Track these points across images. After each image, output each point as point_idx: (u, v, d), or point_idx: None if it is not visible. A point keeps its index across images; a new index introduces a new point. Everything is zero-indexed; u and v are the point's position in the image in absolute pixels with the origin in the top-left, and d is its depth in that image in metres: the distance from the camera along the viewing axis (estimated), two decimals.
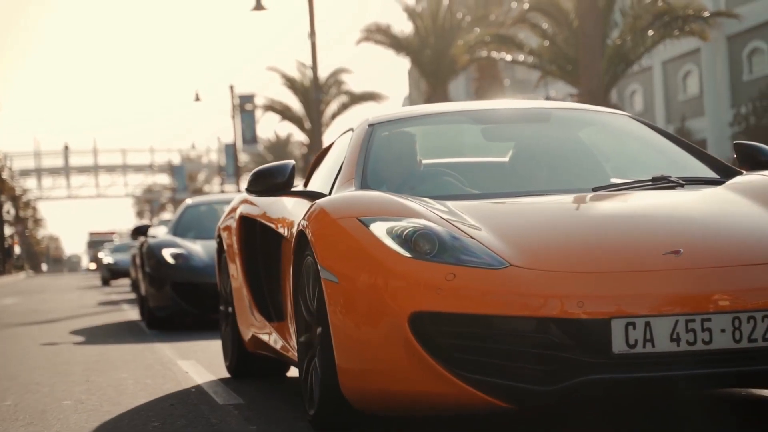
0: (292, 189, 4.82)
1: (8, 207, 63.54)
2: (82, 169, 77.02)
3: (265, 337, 5.41)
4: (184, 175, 71.89)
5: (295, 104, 41.64)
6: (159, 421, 4.64)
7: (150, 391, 5.70)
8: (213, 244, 10.52)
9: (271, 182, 4.76)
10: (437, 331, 3.54)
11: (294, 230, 4.49)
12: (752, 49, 33.69)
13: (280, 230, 5.06)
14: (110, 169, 77.81)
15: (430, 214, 3.86)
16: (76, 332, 10.90)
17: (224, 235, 6.13)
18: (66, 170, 75.85)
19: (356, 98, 40.46)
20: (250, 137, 47.34)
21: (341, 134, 5.38)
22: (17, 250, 69.53)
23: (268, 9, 27.49)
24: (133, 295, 19.61)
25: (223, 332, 6.44)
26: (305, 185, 5.67)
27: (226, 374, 6.36)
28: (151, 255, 11.06)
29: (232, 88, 45.33)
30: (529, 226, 3.90)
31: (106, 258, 31.77)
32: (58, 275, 70.18)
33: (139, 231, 12.57)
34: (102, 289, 27.25)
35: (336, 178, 4.77)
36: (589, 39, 19.32)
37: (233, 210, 6.04)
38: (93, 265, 59.92)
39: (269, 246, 5.40)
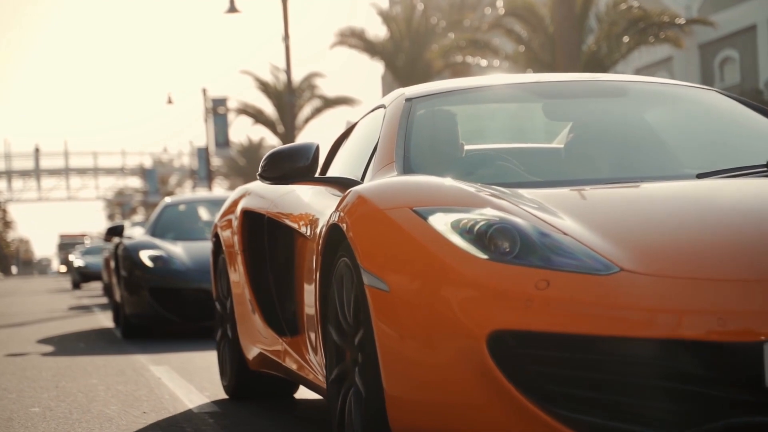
0: (317, 176, 4.04)
1: None
2: (53, 172, 76.39)
3: (274, 355, 4.58)
4: (156, 178, 71.42)
5: (269, 108, 41.49)
6: (131, 430, 4.48)
7: (122, 398, 5.53)
8: (195, 245, 10.21)
9: (290, 167, 3.96)
10: (525, 356, 2.73)
11: (319, 226, 3.81)
12: (723, 57, 33.84)
13: (296, 226, 4.29)
14: (81, 171, 77.22)
15: (504, 203, 3.05)
16: (44, 338, 10.68)
17: (222, 233, 5.24)
18: (36, 172, 75.18)
19: (330, 102, 40.37)
20: (222, 141, 47.08)
21: (367, 113, 4.59)
22: None
23: (241, 12, 27.36)
24: (105, 300, 19.38)
25: (220, 346, 5.49)
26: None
27: (201, 380, 6.20)
28: (127, 257, 10.17)
29: (204, 91, 45.09)
30: (636, 219, 3.07)
31: (77, 261, 31.40)
32: (28, 278, 69.51)
33: (114, 231, 11.51)
34: (73, 293, 26.95)
35: (369, 163, 4.00)
36: (566, 44, 19.30)
37: (234, 204, 5.18)
38: (63, 268, 59.31)
39: (280, 246, 4.63)
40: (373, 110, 4.48)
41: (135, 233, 11.22)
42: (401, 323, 2.90)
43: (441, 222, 2.94)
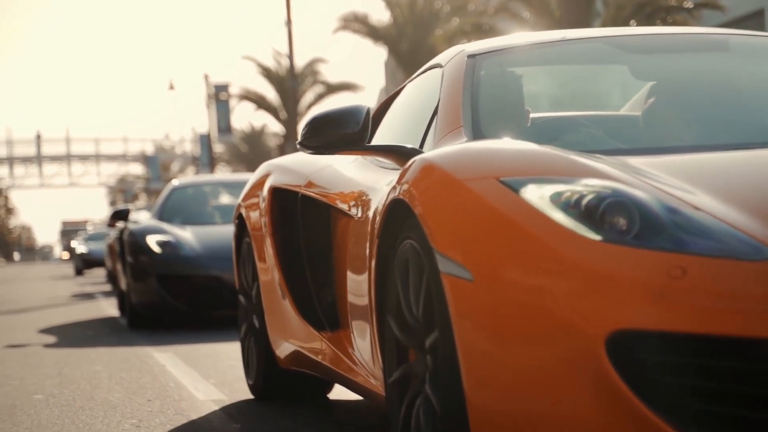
0: (369, 144, 3.46)
1: None
2: (55, 158, 76.35)
3: (311, 352, 4.03)
4: (158, 165, 71.31)
5: (271, 94, 41.41)
6: (135, 418, 4.36)
7: (126, 386, 5.42)
8: (205, 230, 9.78)
9: (337, 134, 3.40)
10: (655, 363, 2.20)
11: (373, 204, 3.28)
12: None
13: (338, 205, 3.76)
14: (83, 158, 77.18)
15: (616, 171, 2.50)
16: (47, 325, 10.58)
17: (248, 214, 4.65)
18: (38, 159, 75.13)
19: (332, 88, 40.27)
20: (224, 127, 46.96)
21: (418, 74, 4.03)
22: None
23: None
24: (108, 287, 19.26)
25: (244, 341, 4.88)
26: None
27: (206, 368, 6.09)
28: (133, 243, 9.56)
29: (206, 77, 44.93)
30: None
31: (80, 247, 31.33)
32: (30, 264, 69.52)
33: (119, 215, 10.96)
34: (75, 280, 26.87)
35: (427, 129, 3.50)
36: (572, 29, 19.13)
37: (260, 182, 4.59)
38: (66, 255, 59.28)
39: (316, 228, 4.05)
40: (425, 71, 3.94)
41: (141, 217, 10.71)
42: (490, 320, 2.35)
43: (537, 195, 2.40)
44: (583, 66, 4.04)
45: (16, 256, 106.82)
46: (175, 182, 11.42)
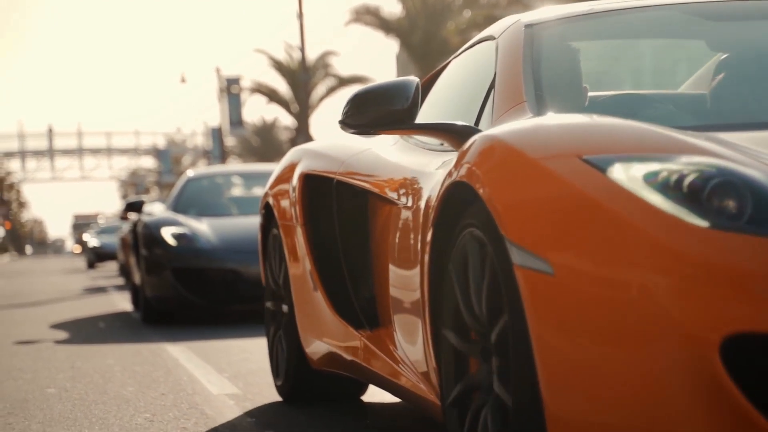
0: (420, 122, 3.09)
1: None
2: (67, 152, 76.50)
3: (348, 352, 3.69)
4: (170, 158, 71.40)
5: (282, 87, 41.43)
6: (149, 412, 4.32)
7: (139, 379, 5.38)
8: (221, 222, 9.44)
9: (384, 110, 3.04)
10: None
11: (425, 190, 2.94)
12: None
13: (381, 192, 3.43)
14: (95, 151, 77.33)
15: (716, 147, 2.19)
16: (59, 318, 10.56)
17: (276, 203, 4.29)
18: (50, 152, 75.29)
19: (344, 81, 40.26)
20: (236, 120, 46.97)
21: (466, 48, 3.71)
22: (1, 232, 69.11)
23: None
24: (120, 280, 19.26)
25: (271, 340, 4.54)
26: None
27: (219, 362, 6.04)
28: (147, 235, 9.21)
29: (218, 70, 44.94)
30: None
31: (92, 240, 31.36)
32: (42, 258, 69.72)
33: (133, 207, 10.62)
34: (87, 273, 26.90)
35: (483, 106, 3.17)
36: None
37: (289, 168, 4.24)
38: (77, 248, 59.37)
39: (353, 217, 3.73)
40: (474, 44, 3.60)
41: (155, 209, 10.25)
42: (574, 320, 2.05)
43: (628, 175, 2.07)
44: (649, 39, 3.61)
45: (29, 249, 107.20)
46: (190, 173, 11.11)
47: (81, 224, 74.01)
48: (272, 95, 41.52)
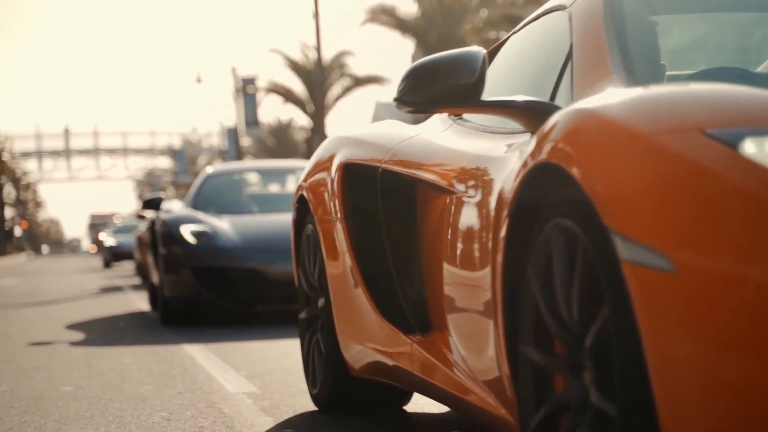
0: (488, 99, 2.75)
1: (9, 189, 63.36)
2: (83, 152, 76.78)
3: (395, 359, 3.32)
4: (185, 158, 71.54)
5: (298, 87, 41.41)
6: (166, 411, 4.26)
7: (155, 378, 5.32)
8: (243, 220, 9.07)
9: (447, 85, 2.72)
10: None
11: (496, 180, 2.59)
12: None
13: (437, 180, 3.06)
14: (111, 151, 77.62)
15: None
16: (76, 317, 10.53)
17: (312, 196, 3.92)
18: (66, 152, 75.55)
19: (360, 81, 40.20)
20: (252, 120, 47.00)
21: (530, 21, 3.35)
22: (18, 231, 69.40)
23: None
24: (137, 280, 19.24)
25: (306, 346, 4.15)
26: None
27: (236, 360, 5.98)
28: (166, 233, 8.85)
29: (234, 70, 44.97)
30: None
31: (108, 240, 31.44)
32: (58, 257, 69.89)
33: (151, 204, 10.20)
34: (104, 273, 26.92)
35: (558, 80, 2.84)
36: None
37: (327, 158, 3.87)
38: (93, 248, 59.56)
39: (403, 210, 3.36)
40: (539, 16, 3.25)
41: (174, 207, 9.89)
42: (700, 325, 1.73)
43: (762, 150, 1.75)
44: (733, 12, 3.18)
45: (45, 249, 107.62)
46: (209, 169, 10.75)
47: (97, 224, 74.32)
48: (288, 95, 41.52)
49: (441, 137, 3.26)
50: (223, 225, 8.91)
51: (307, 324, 4.14)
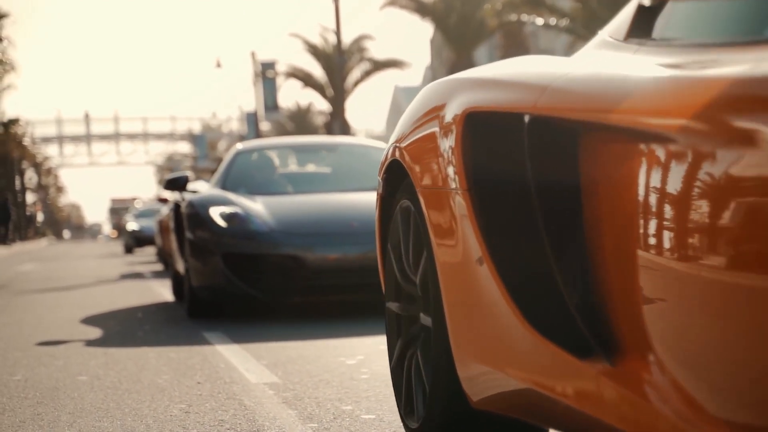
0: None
1: (30, 174, 63.54)
2: (104, 137, 76.95)
3: (548, 390, 2.20)
4: (205, 143, 71.55)
5: (317, 71, 41.24)
6: (184, 402, 4.10)
7: (174, 367, 5.17)
8: (278, 201, 8.05)
9: None
10: None
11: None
12: None
13: (634, 128, 1.89)
14: (131, 136, 77.79)
15: None
16: (93, 302, 10.41)
17: (413, 160, 2.83)
18: (87, 138, 75.69)
19: (379, 65, 40.00)
20: (271, 105, 46.89)
21: None
22: (40, 217, 69.66)
23: None
24: (159, 266, 19.05)
25: (397, 359, 3.10)
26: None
27: (257, 348, 5.82)
28: (193, 216, 7.84)
29: (253, 54, 44.82)
30: None
31: (131, 224, 30.98)
32: (79, 242, 70.08)
33: (175, 184, 8.90)
34: (124, 258, 26.83)
35: None
36: (626, 0, 18.63)
37: (438, 106, 2.72)
38: (114, 233, 59.59)
39: (566, 174, 2.14)
40: None
41: (200, 187, 8.95)
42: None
43: None
44: None
45: (66, 233, 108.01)
46: (239, 146, 9.62)
47: (118, 208, 74.50)
48: (307, 80, 41.35)
49: (630, 64, 2.14)
50: (257, 207, 7.86)
51: (397, 319, 3.12)
